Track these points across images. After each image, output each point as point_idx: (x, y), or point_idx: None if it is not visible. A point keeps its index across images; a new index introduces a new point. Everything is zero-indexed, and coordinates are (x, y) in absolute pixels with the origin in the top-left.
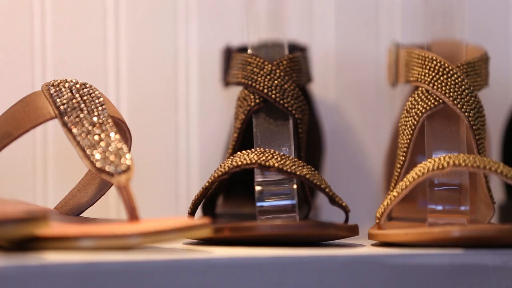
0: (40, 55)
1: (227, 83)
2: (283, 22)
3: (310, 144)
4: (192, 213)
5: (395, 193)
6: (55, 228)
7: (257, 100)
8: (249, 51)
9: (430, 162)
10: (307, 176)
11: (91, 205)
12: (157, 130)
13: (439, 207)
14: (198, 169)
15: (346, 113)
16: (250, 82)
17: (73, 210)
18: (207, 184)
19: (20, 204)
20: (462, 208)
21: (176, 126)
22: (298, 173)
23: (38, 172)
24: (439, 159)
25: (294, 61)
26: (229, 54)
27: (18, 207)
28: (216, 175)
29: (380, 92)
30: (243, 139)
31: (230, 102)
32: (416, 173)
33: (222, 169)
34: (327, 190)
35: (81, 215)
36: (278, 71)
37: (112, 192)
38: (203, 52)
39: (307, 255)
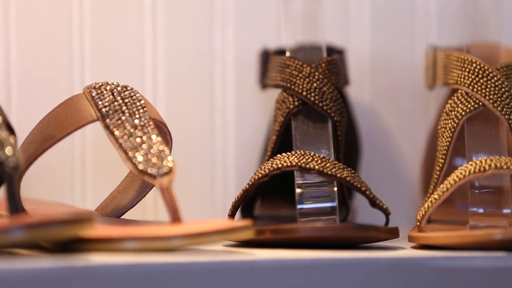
0: (78, 58)
1: (264, 85)
2: (320, 24)
3: (347, 146)
4: (232, 215)
5: (436, 196)
6: (99, 230)
7: (296, 103)
8: (287, 53)
9: (471, 165)
10: (348, 178)
11: (132, 207)
12: (193, 133)
13: (480, 210)
14: (234, 172)
15: (382, 116)
16: (289, 85)
17: (113, 212)
18: (247, 186)
19: (62, 206)
20: (504, 210)
21: (212, 129)
22: (338, 175)
23: (77, 175)
24: (480, 161)
25: (333, 63)
26: (266, 57)
27: (61, 209)
28: (256, 177)
29: (415, 94)
30: (281, 141)
31: (266, 104)
32: (457, 176)
33: (263, 172)
34: (367, 192)
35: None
36: (316, 73)
37: (149, 193)
38: (239, 55)
39: (350, 258)
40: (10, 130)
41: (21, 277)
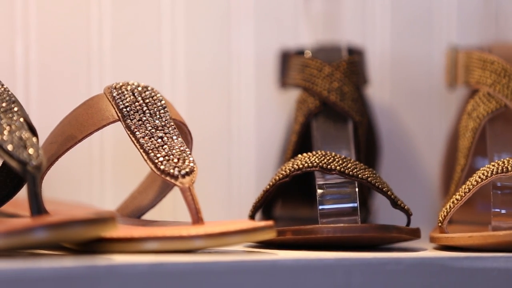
0: (97, 58)
1: (284, 85)
2: (340, 24)
3: (366, 147)
4: (252, 216)
5: (457, 197)
6: (121, 230)
7: (317, 103)
8: (307, 53)
9: (493, 165)
10: (369, 179)
11: (152, 207)
12: (211, 133)
13: (503, 211)
14: (253, 172)
15: (401, 116)
16: (309, 84)
17: (133, 212)
18: (268, 187)
19: (82, 207)
20: None
21: (231, 129)
22: (360, 176)
23: (95, 175)
24: (503, 162)
25: (353, 63)
26: (285, 57)
27: (82, 209)
28: (277, 178)
29: (434, 94)
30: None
31: (285, 104)
32: (479, 176)
33: (283, 172)
34: (389, 193)
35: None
36: (337, 73)
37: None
38: (258, 54)
39: (373, 258)
40: (32, 131)
41: (45, 276)
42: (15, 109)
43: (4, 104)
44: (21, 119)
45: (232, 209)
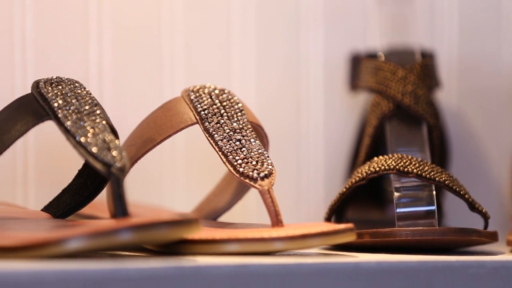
0: (169, 62)
1: (355, 88)
2: (411, 28)
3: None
4: (329, 218)
5: None
6: (202, 232)
7: (391, 106)
8: (380, 56)
9: None
10: (447, 182)
11: (228, 210)
12: (281, 136)
13: None
14: (322, 175)
15: (469, 119)
16: (383, 87)
17: (209, 214)
18: (344, 189)
19: (159, 209)
20: None
21: (300, 132)
22: (437, 179)
23: (166, 177)
24: None
25: (427, 66)
26: (356, 60)
27: (159, 211)
28: (353, 180)
29: (503, 97)
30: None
31: (354, 107)
32: None
33: (360, 175)
34: (466, 196)
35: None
36: (411, 76)
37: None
38: (327, 57)
39: (455, 261)
40: (114, 133)
41: (132, 276)
42: (98, 112)
43: (87, 107)
44: (104, 122)
45: (300, 211)
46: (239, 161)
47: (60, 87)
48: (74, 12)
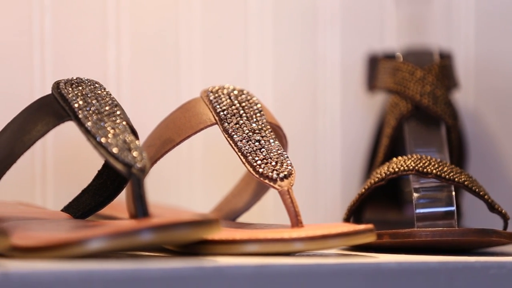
0: (186, 63)
1: (372, 88)
2: (428, 28)
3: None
4: (348, 219)
5: None
6: (222, 232)
7: (409, 107)
8: (398, 56)
9: None
10: (466, 183)
11: (246, 210)
12: (298, 136)
13: None
14: (338, 175)
15: (486, 119)
16: (401, 88)
17: (228, 215)
18: (363, 190)
19: (177, 209)
20: None
21: (317, 132)
22: (456, 180)
23: (182, 178)
24: None
25: (445, 67)
26: (374, 60)
27: (178, 211)
28: (372, 181)
29: None
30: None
31: (370, 108)
32: None
33: (379, 176)
34: (486, 197)
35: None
36: (429, 76)
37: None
38: (344, 58)
39: (475, 262)
40: (134, 134)
41: (154, 276)
42: (118, 112)
43: (107, 108)
44: (124, 123)
45: (317, 211)
46: (259, 162)
47: (80, 87)
48: (92, 13)
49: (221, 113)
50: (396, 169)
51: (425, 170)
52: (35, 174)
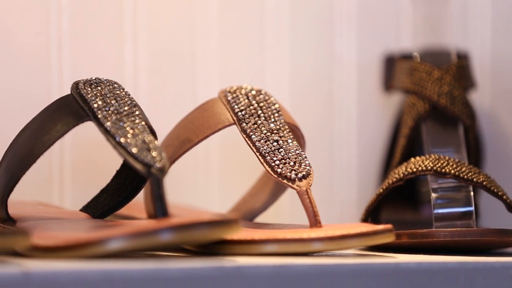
0: (202, 62)
1: (389, 88)
2: (445, 28)
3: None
4: (365, 219)
5: None
6: (241, 232)
7: (426, 107)
8: (416, 57)
9: None
10: (484, 183)
11: (264, 210)
12: (314, 136)
13: None
14: (354, 175)
15: (502, 119)
16: (418, 88)
17: (246, 215)
18: (381, 190)
19: (195, 209)
20: None
21: (333, 133)
22: (475, 180)
23: (199, 178)
24: None
25: (462, 67)
26: (390, 61)
27: (196, 211)
28: (390, 181)
29: None
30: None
31: (387, 108)
32: None
33: (397, 176)
34: (504, 197)
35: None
36: (447, 77)
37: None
38: (360, 58)
39: (495, 262)
40: (153, 134)
41: (174, 276)
42: (137, 112)
43: (126, 108)
44: (143, 123)
45: (333, 211)
46: (277, 162)
47: (99, 88)
48: (110, 14)
49: (239, 113)
50: (414, 169)
51: (443, 170)
52: (52, 174)
